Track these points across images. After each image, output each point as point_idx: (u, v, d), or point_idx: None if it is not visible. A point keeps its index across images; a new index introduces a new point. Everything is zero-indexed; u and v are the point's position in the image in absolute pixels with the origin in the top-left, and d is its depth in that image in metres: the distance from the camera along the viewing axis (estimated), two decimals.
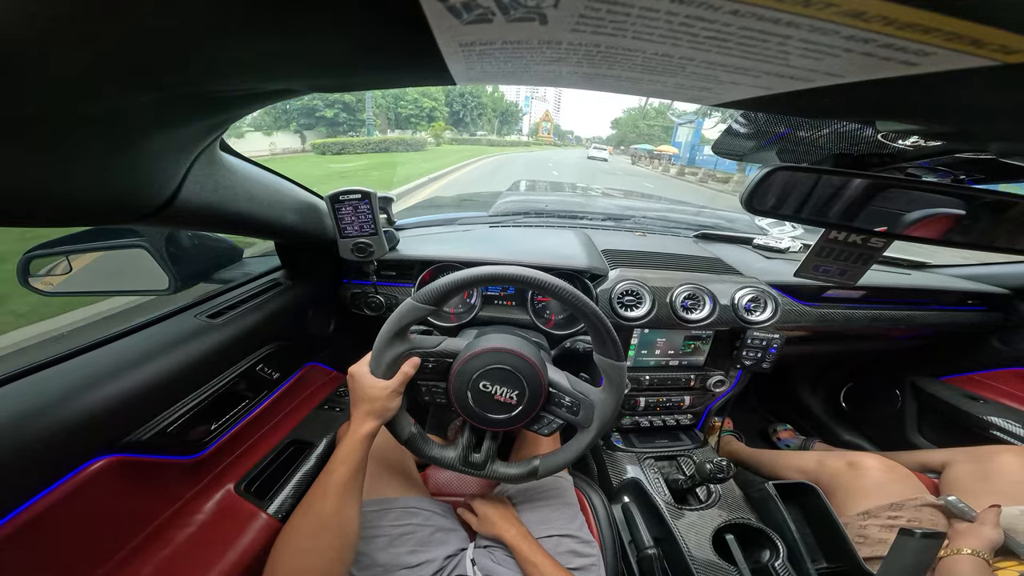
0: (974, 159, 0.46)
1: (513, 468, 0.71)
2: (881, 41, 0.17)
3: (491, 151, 26.00)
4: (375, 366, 0.63)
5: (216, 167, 0.52)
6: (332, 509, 0.53)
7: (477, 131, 55.06)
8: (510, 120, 71.03)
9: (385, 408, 0.62)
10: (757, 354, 1.05)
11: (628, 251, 1.14)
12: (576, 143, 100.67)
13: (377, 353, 0.63)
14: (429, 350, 0.67)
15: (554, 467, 0.71)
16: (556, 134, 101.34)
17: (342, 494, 0.55)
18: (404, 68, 0.27)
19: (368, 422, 0.60)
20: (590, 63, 0.23)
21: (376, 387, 0.61)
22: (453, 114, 54.51)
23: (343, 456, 0.57)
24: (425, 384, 0.69)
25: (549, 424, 0.69)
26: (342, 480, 0.55)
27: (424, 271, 1.04)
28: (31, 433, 0.45)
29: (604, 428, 0.68)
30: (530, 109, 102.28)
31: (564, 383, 0.68)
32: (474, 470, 0.70)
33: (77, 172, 0.34)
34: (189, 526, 0.65)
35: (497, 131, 63.73)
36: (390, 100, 39.47)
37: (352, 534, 0.55)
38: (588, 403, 0.67)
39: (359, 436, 0.59)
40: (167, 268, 0.79)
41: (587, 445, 0.69)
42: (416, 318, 0.62)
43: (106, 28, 0.20)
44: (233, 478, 0.75)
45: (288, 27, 0.21)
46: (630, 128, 67.96)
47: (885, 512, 0.89)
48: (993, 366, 1.31)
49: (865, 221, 0.50)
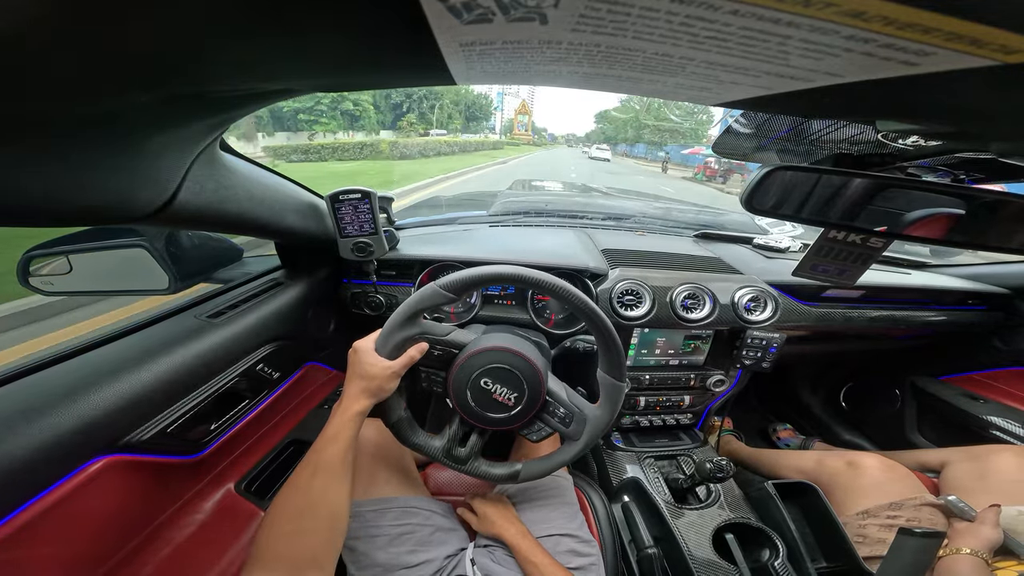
0: (974, 159, 0.46)
1: (495, 468, 0.71)
2: (881, 41, 0.17)
3: (429, 171, 11.99)
4: (382, 344, 0.63)
5: (216, 167, 0.52)
6: (320, 489, 0.50)
7: (431, 129, 37.53)
8: (478, 116, 55.77)
9: (381, 388, 0.60)
10: (757, 354, 1.05)
11: (628, 251, 1.14)
12: (552, 141, 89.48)
13: (387, 332, 0.63)
14: (438, 337, 0.66)
15: (535, 474, 0.71)
16: (533, 131, 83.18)
17: (331, 473, 0.51)
18: (404, 68, 0.27)
19: (362, 399, 0.58)
20: (590, 63, 0.23)
21: (378, 365, 0.60)
22: (394, 108, 39.11)
23: (332, 434, 0.54)
24: (425, 371, 0.69)
25: (539, 431, 0.70)
26: (331, 459, 0.52)
27: (424, 271, 1.04)
28: (31, 433, 0.45)
29: (591, 444, 0.69)
30: (502, 106, 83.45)
31: (562, 394, 0.69)
32: (456, 464, 0.69)
33: (77, 172, 0.34)
34: (189, 526, 0.65)
35: (462, 128, 47.52)
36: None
37: (342, 517, 0.52)
38: (581, 417, 0.68)
39: (351, 413, 0.56)
40: (167, 268, 0.79)
41: (571, 458, 0.69)
42: (435, 304, 0.62)
43: (106, 28, 0.20)
44: (233, 478, 0.75)
45: (288, 27, 0.21)
46: (630, 123, 56.09)
47: (884, 511, 0.89)
48: (993, 366, 1.31)
49: (865, 221, 0.50)
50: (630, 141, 53.90)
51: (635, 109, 54.79)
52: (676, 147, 34.08)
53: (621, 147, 51.65)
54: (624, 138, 56.84)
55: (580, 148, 51.94)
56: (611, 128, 65.77)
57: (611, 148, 42.73)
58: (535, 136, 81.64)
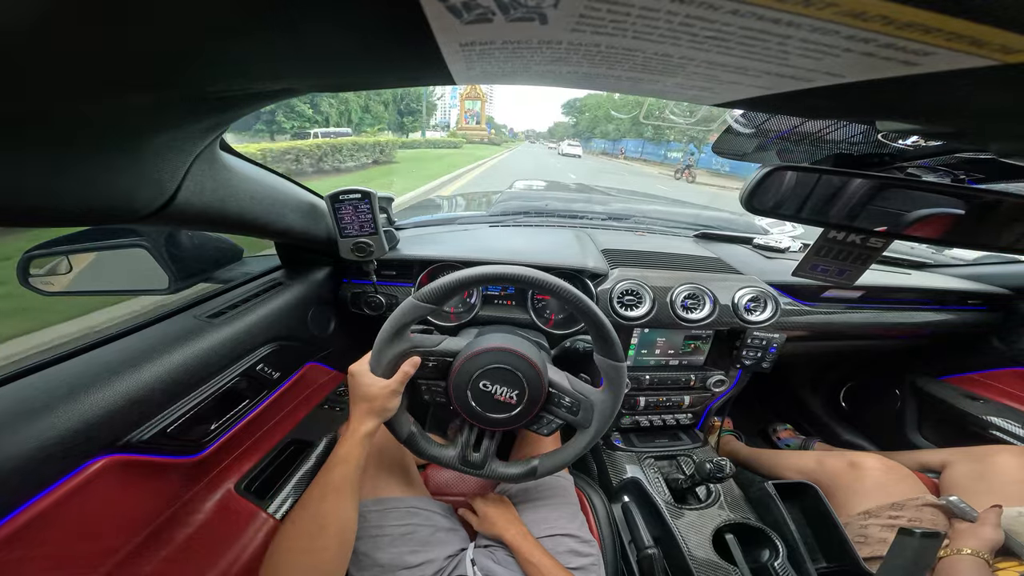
0: (974, 159, 0.46)
1: (512, 468, 0.71)
2: (881, 41, 0.17)
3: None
4: (375, 365, 0.63)
5: (216, 167, 0.52)
6: (330, 508, 0.53)
7: (312, 127, 19.85)
8: (414, 108, 37.57)
9: (384, 407, 0.62)
10: (757, 354, 1.05)
11: (628, 251, 1.14)
12: (512, 138, 74.33)
13: (377, 352, 0.63)
14: (430, 349, 0.67)
15: (553, 467, 0.71)
16: (490, 125, 64.04)
17: (341, 493, 0.54)
18: (404, 68, 0.27)
19: (368, 421, 0.60)
20: (590, 63, 0.23)
21: (375, 386, 0.61)
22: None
23: (342, 455, 0.57)
24: (425, 383, 0.69)
25: (549, 424, 0.69)
26: (341, 479, 0.55)
27: (424, 271, 1.04)
28: (31, 433, 0.45)
29: (603, 428, 0.68)
30: (457, 100, 65.32)
31: (564, 383, 0.68)
32: (473, 469, 0.70)
33: (77, 172, 0.34)
34: (189, 526, 0.65)
35: (391, 125, 32.37)
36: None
37: (350, 533, 0.55)
38: (588, 404, 0.67)
39: (359, 435, 0.59)
40: (167, 268, 0.79)
41: (586, 446, 0.69)
42: (416, 317, 0.62)
43: (106, 28, 0.20)
44: (233, 478, 0.75)
45: (288, 27, 0.21)
46: (597, 115, 45.14)
47: (886, 512, 0.89)
48: (993, 366, 1.31)
49: (865, 221, 0.50)
50: (611, 136, 41.14)
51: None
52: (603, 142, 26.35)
53: (599, 143, 38.22)
54: (602, 132, 43.55)
55: (545, 145, 45.73)
56: (586, 120, 51.97)
57: (582, 144, 35.06)
58: (491, 131, 62.87)
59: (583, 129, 54.43)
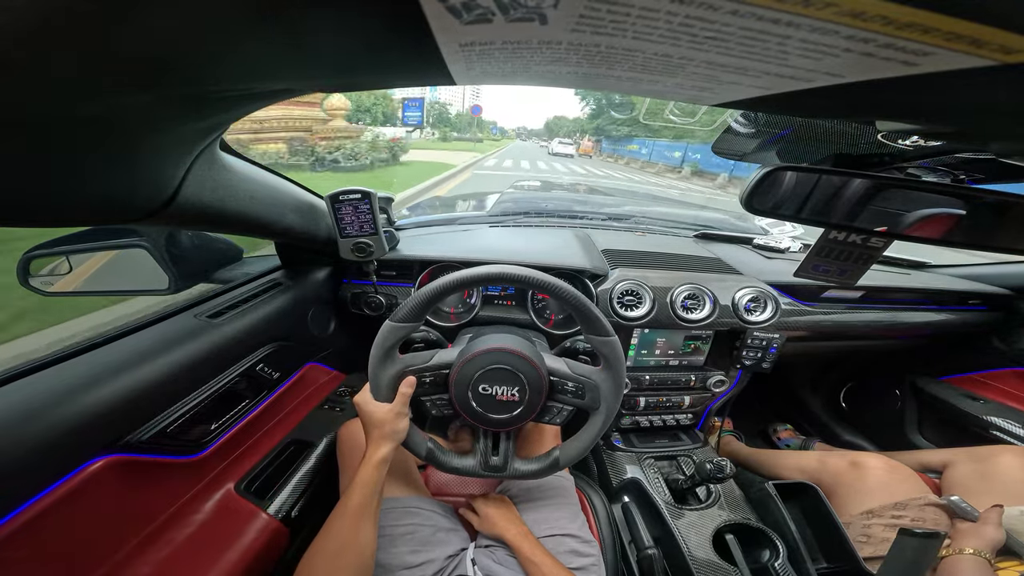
0: (974, 159, 0.46)
1: (534, 464, 0.70)
2: (881, 41, 0.17)
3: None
4: (375, 391, 0.64)
5: (216, 167, 0.52)
6: (350, 531, 0.55)
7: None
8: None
9: (394, 430, 0.63)
10: (757, 354, 1.05)
11: (628, 251, 1.14)
12: (501, 135, 70.02)
13: (372, 378, 0.64)
14: (422, 367, 0.66)
15: (574, 455, 0.70)
16: (479, 126, 53.50)
17: (360, 517, 0.56)
18: (404, 68, 0.27)
19: (383, 446, 0.61)
20: (590, 63, 0.23)
21: (380, 411, 0.62)
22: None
23: (361, 481, 0.58)
24: (429, 399, 0.69)
25: (560, 412, 0.69)
26: (360, 503, 0.57)
27: (424, 271, 1.04)
28: (31, 433, 0.45)
29: (614, 407, 0.67)
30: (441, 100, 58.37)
31: (564, 369, 0.68)
32: (497, 473, 0.70)
33: (77, 172, 0.34)
34: (189, 526, 0.65)
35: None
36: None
37: (369, 554, 0.57)
38: (592, 385, 0.66)
39: (375, 460, 0.60)
40: (167, 268, 0.79)
41: (600, 427, 0.68)
42: (398, 338, 0.62)
43: (106, 28, 0.20)
44: (233, 478, 0.75)
45: (288, 27, 0.21)
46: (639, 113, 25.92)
47: (889, 511, 0.89)
48: (993, 366, 1.30)
49: (865, 221, 0.50)
50: (615, 137, 29.35)
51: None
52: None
53: (607, 145, 30.12)
54: (604, 131, 31.15)
55: (537, 143, 44.67)
56: (586, 117, 40.00)
57: (575, 142, 29.17)
58: (477, 130, 47.44)
59: (583, 127, 42.94)
